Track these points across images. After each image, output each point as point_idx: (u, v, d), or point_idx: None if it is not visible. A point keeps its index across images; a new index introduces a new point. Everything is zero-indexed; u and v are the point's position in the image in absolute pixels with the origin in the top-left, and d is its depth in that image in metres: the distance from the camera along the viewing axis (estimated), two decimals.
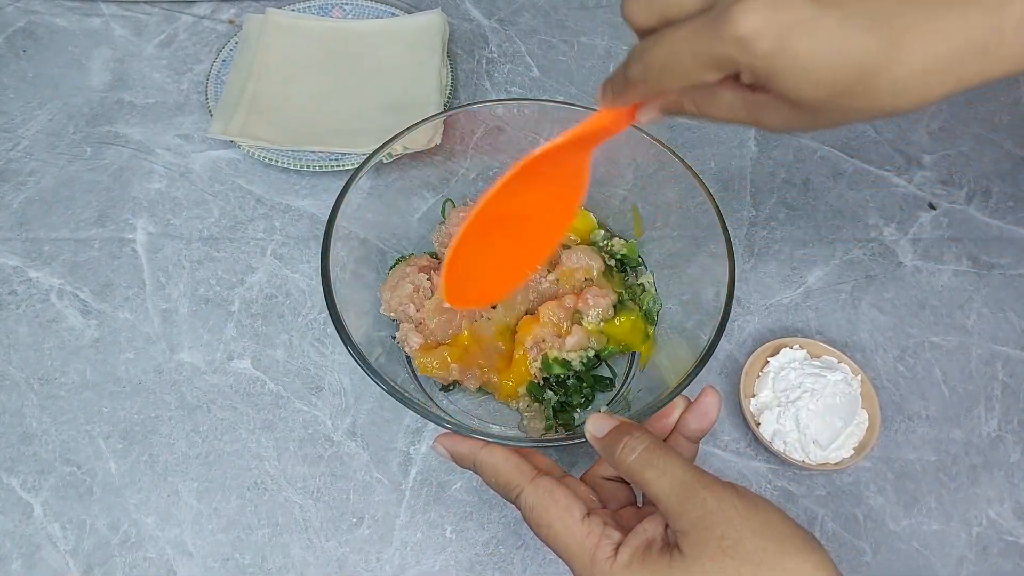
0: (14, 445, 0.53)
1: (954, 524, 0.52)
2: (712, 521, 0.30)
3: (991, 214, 0.67)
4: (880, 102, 0.29)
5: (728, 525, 0.30)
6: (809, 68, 0.28)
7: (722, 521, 0.30)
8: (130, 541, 0.50)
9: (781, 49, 0.28)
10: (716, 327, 0.44)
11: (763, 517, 0.31)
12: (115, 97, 0.70)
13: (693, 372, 0.43)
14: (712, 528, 0.30)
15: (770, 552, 0.30)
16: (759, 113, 0.32)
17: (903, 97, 0.29)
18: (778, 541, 0.30)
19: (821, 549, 0.31)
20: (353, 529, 0.51)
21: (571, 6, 0.80)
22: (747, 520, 0.30)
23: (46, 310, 0.58)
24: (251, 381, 0.56)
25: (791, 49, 0.28)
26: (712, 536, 0.30)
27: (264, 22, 0.72)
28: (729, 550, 0.30)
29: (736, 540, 0.30)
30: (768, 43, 0.28)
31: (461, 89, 0.72)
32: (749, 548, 0.30)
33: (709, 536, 0.30)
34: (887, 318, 0.60)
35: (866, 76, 0.28)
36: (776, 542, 0.30)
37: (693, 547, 0.30)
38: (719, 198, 0.48)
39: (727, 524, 0.30)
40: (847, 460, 0.51)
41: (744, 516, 0.30)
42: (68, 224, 0.62)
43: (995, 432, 0.56)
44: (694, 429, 0.40)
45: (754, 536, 0.30)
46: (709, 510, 0.31)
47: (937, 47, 0.28)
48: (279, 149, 0.65)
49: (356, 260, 0.51)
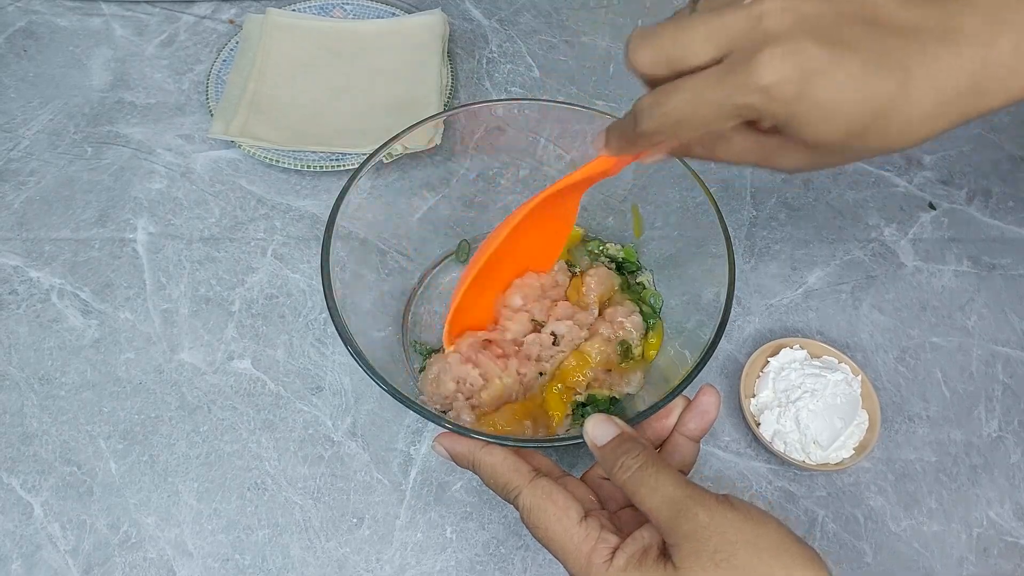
0: (14, 445, 0.53)
1: (954, 525, 0.52)
2: (704, 535, 0.30)
3: (991, 214, 0.67)
4: (891, 141, 0.30)
5: (721, 538, 0.30)
6: (830, 113, 0.29)
7: (715, 535, 0.30)
8: (130, 541, 0.50)
9: (803, 95, 0.29)
10: (716, 327, 0.44)
11: (757, 530, 0.31)
12: (116, 97, 0.70)
13: (693, 372, 0.43)
14: (705, 542, 0.30)
15: (765, 563, 0.30)
16: (772, 155, 0.32)
17: (913, 135, 0.30)
18: (773, 552, 0.30)
19: (818, 559, 0.31)
20: (353, 529, 0.51)
21: (572, 6, 0.80)
22: (740, 533, 0.30)
23: (46, 310, 0.58)
24: (251, 381, 0.56)
25: (813, 96, 0.28)
26: (705, 549, 0.30)
27: (264, 22, 0.72)
28: (722, 563, 0.30)
29: (729, 554, 0.30)
30: (792, 90, 0.28)
31: (461, 89, 0.72)
32: (743, 561, 0.30)
33: (702, 549, 0.30)
34: (887, 318, 0.60)
35: (881, 117, 0.29)
36: (771, 552, 0.30)
37: (685, 559, 0.30)
38: (719, 198, 0.48)
39: (720, 537, 0.30)
40: (847, 460, 0.51)
41: (737, 529, 0.30)
42: (69, 224, 0.62)
43: (995, 433, 0.56)
44: (693, 428, 0.40)
45: (747, 549, 0.30)
46: (701, 524, 0.31)
47: (943, 84, 0.29)
48: (280, 149, 0.65)
49: (356, 260, 0.51)
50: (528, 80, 0.74)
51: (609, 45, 0.77)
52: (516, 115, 0.55)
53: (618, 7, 0.80)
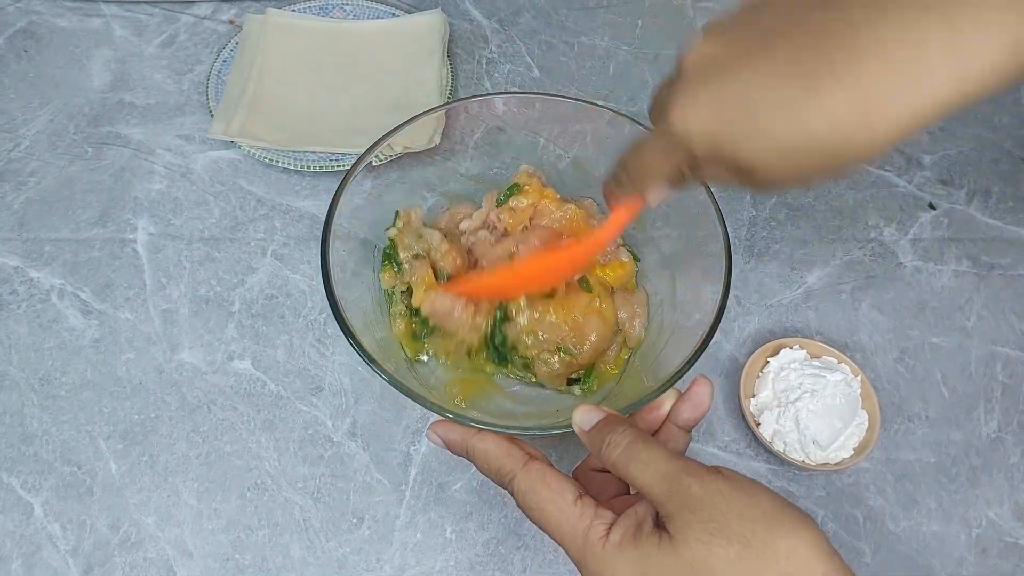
0: (14, 445, 0.53)
1: (954, 525, 0.52)
2: (697, 505, 0.31)
3: (991, 214, 0.67)
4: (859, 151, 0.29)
5: (714, 508, 0.30)
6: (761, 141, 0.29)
7: (708, 505, 0.30)
8: (130, 541, 0.50)
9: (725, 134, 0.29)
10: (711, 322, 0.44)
11: (750, 500, 0.31)
12: (116, 97, 0.70)
13: (687, 365, 0.43)
14: (698, 511, 0.30)
15: (759, 532, 0.30)
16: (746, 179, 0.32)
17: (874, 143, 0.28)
18: (767, 521, 0.30)
19: (813, 525, 0.31)
20: (353, 529, 0.51)
21: (572, 7, 0.80)
22: (733, 503, 0.30)
23: (47, 310, 0.58)
24: (251, 381, 0.56)
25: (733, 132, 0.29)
26: (698, 519, 0.30)
27: (264, 22, 0.72)
28: (716, 532, 0.30)
29: (723, 523, 0.30)
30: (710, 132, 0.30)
31: (461, 89, 0.72)
32: (737, 529, 0.30)
33: (695, 519, 0.30)
34: (887, 318, 0.60)
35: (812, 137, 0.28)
36: (764, 522, 0.30)
37: (679, 529, 0.30)
38: (719, 197, 0.48)
39: (712, 507, 0.30)
40: (847, 461, 0.51)
41: (730, 499, 0.31)
42: (69, 224, 0.62)
43: (995, 433, 0.56)
44: (687, 418, 0.40)
45: (741, 518, 0.30)
46: (694, 495, 0.31)
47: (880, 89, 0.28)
48: (279, 149, 0.65)
49: (356, 260, 0.51)
50: (528, 80, 0.74)
51: (609, 45, 0.77)
52: (516, 115, 0.55)
53: (618, 7, 0.80)
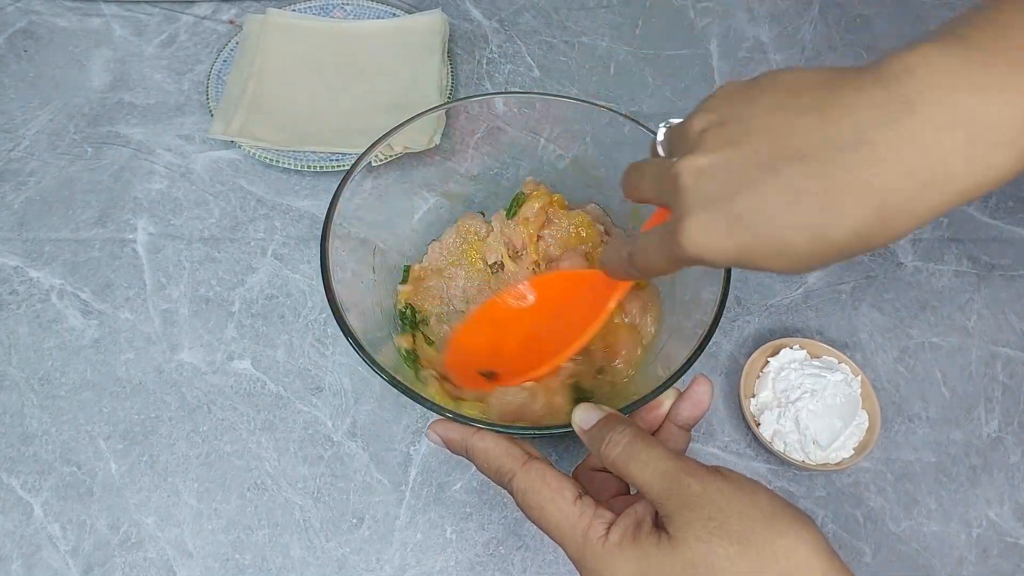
0: (14, 445, 0.53)
1: (954, 525, 0.52)
2: (697, 504, 0.31)
3: (991, 214, 0.67)
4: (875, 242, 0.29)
5: (713, 507, 0.30)
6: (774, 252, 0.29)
7: (707, 504, 0.30)
8: (130, 541, 0.50)
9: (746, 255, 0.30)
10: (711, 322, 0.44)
11: (750, 499, 0.31)
12: (116, 97, 0.70)
13: (687, 364, 0.43)
14: (697, 510, 0.30)
15: (759, 531, 0.30)
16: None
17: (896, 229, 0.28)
18: (766, 520, 0.30)
19: (812, 525, 0.31)
20: (353, 529, 0.51)
21: (572, 7, 0.80)
22: (732, 502, 0.30)
23: (46, 310, 0.58)
24: (251, 381, 0.56)
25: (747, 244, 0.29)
26: (698, 518, 0.30)
27: (264, 22, 0.72)
28: (716, 531, 0.30)
29: (722, 522, 0.30)
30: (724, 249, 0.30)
31: (461, 89, 0.72)
32: (736, 528, 0.30)
33: (695, 518, 0.30)
34: (887, 318, 0.60)
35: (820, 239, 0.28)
36: (764, 521, 0.30)
37: (679, 529, 0.30)
38: None
39: (712, 507, 0.30)
40: (847, 461, 0.51)
41: (729, 499, 0.31)
42: (69, 224, 0.62)
43: (995, 433, 0.56)
44: (687, 417, 0.40)
45: (741, 517, 0.30)
46: (694, 494, 0.31)
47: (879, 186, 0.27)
48: (279, 149, 0.65)
49: (356, 260, 0.51)
50: (528, 80, 0.74)
51: (609, 45, 0.77)
52: (516, 115, 0.55)
53: (618, 7, 0.80)
